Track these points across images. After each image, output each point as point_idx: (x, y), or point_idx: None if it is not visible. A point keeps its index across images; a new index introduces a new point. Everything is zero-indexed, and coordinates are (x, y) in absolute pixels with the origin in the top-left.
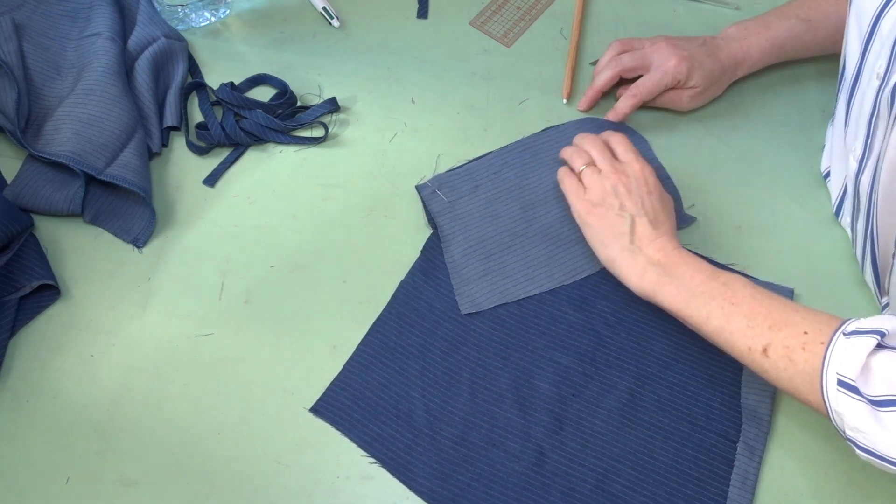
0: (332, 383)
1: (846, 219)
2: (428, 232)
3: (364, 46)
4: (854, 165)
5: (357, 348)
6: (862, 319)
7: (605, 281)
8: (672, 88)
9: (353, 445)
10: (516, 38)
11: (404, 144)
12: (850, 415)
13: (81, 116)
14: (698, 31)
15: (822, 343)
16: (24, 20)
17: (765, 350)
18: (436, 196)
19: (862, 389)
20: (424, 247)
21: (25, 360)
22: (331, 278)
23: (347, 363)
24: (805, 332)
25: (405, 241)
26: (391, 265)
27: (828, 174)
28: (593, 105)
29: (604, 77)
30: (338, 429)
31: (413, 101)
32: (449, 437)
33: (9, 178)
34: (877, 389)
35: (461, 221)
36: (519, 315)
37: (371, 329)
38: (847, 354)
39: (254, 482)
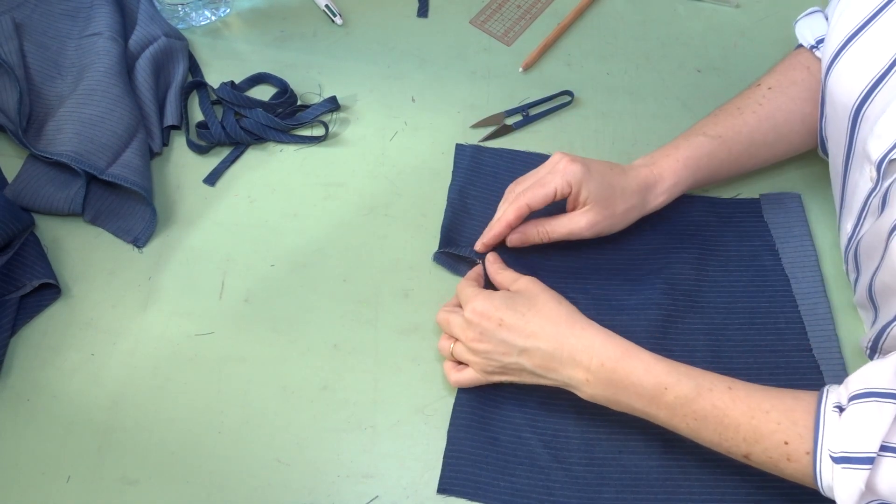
0: (444, 457)
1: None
2: (429, 229)
3: (364, 45)
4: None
5: (452, 413)
6: (832, 422)
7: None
8: (567, 210)
9: (353, 445)
10: (516, 36)
11: (405, 143)
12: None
13: (83, 117)
14: (698, 30)
15: (808, 453)
16: (25, 19)
17: (746, 457)
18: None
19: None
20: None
21: (26, 359)
22: (331, 278)
23: (450, 431)
24: (785, 443)
25: (405, 240)
26: (391, 265)
27: None
28: (492, 247)
29: (504, 221)
30: (475, 501)
31: (413, 100)
32: (577, 462)
33: (10, 177)
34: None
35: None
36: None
37: (458, 392)
38: (842, 485)
39: (254, 481)
